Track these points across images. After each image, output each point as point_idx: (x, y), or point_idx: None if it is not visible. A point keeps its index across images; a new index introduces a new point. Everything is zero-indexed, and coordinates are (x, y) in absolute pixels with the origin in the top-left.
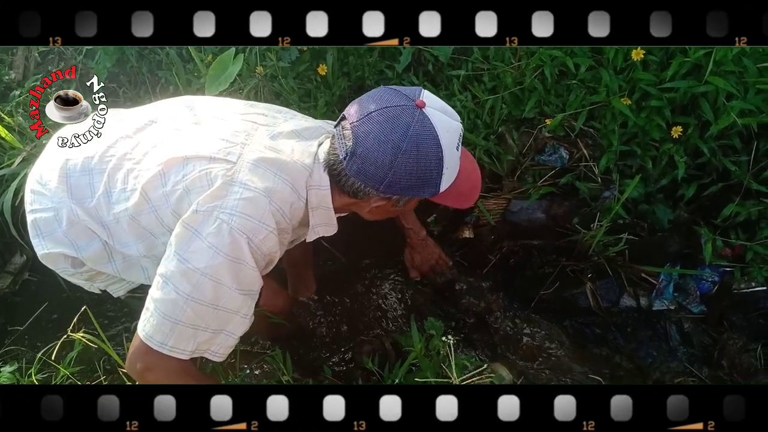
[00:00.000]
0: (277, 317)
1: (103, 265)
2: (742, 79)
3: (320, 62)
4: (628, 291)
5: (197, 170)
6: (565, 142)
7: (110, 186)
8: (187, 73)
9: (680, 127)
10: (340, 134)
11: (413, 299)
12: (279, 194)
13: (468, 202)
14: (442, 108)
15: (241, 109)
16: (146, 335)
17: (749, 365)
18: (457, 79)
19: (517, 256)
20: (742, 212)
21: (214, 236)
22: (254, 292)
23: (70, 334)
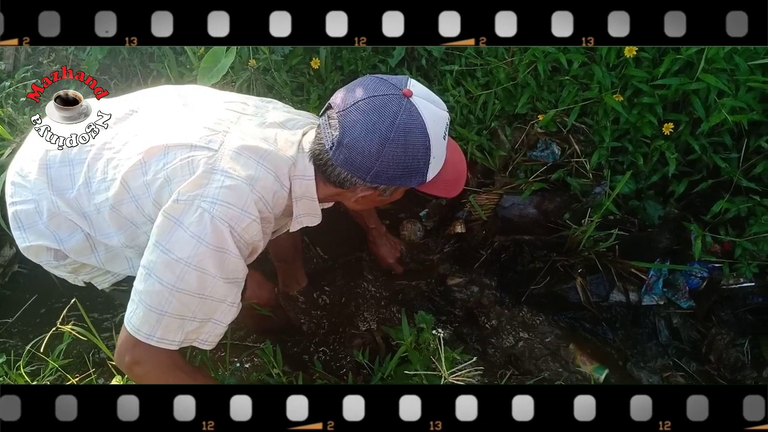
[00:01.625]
0: (264, 309)
1: (86, 256)
2: (734, 76)
3: (313, 56)
4: (617, 286)
5: (178, 158)
6: (557, 137)
7: (90, 176)
8: (180, 65)
9: (671, 124)
10: (326, 123)
11: (404, 293)
12: (261, 183)
13: (454, 191)
14: (429, 97)
15: (224, 98)
16: (133, 328)
17: (736, 360)
18: (450, 74)
19: (509, 251)
20: (732, 209)
21: (196, 225)
22: (240, 279)
23: (59, 327)
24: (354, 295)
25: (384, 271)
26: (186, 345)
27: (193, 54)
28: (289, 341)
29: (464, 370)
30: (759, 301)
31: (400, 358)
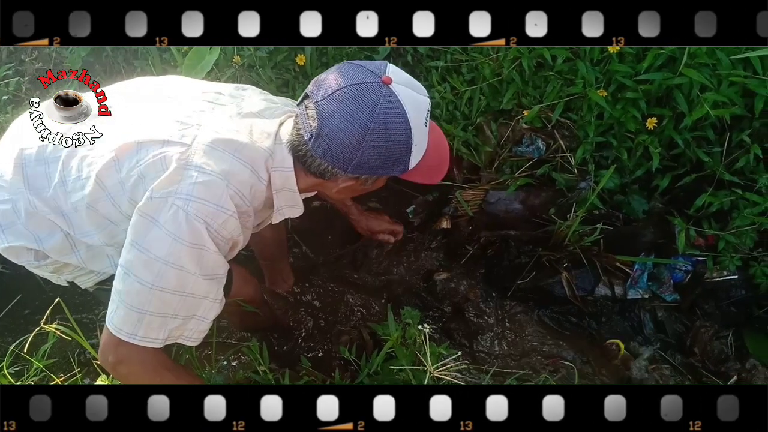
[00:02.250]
0: (249, 306)
1: (67, 255)
2: (716, 71)
3: (299, 52)
4: (603, 280)
5: (151, 155)
6: (543, 133)
7: (65, 174)
8: (164, 62)
9: (655, 119)
10: (304, 114)
11: (391, 289)
12: (237, 177)
13: (437, 177)
14: (409, 83)
15: (199, 88)
16: (115, 327)
17: (720, 352)
18: (435, 70)
19: (495, 247)
20: (715, 202)
21: (171, 223)
22: (220, 275)
23: (43, 326)
24: (341, 292)
25: (371, 268)
26: (170, 342)
27: (177, 51)
28: (276, 339)
29: (449, 365)
30: (742, 293)
31: (386, 354)
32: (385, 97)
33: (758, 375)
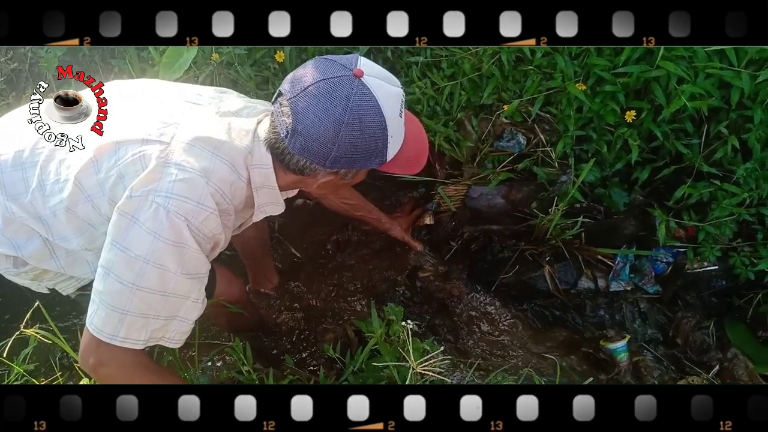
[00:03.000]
0: (235, 307)
1: (46, 262)
2: (692, 63)
3: (277, 49)
4: (585, 273)
5: (129, 154)
6: (523, 127)
7: (44, 178)
8: (141, 61)
9: (634, 112)
10: (279, 111)
11: (376, 286)
12: (217, 174)
13: (417, 167)
14: (381, 74)
15: (177, 90)
16: (95, 328)
17: (702, 342)
18: (416, 65)
19: (478, 242)
20: (694, 194)
21: (152, 221)
22: (202, 275)
23: (23, 331)
24: (326, 290)
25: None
26: (152, 344)
27: (154, 49)
28: (260, 338)
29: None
30: (722, 284)
31: (371, 351)
32: (357, 90)
33: (739, 364)
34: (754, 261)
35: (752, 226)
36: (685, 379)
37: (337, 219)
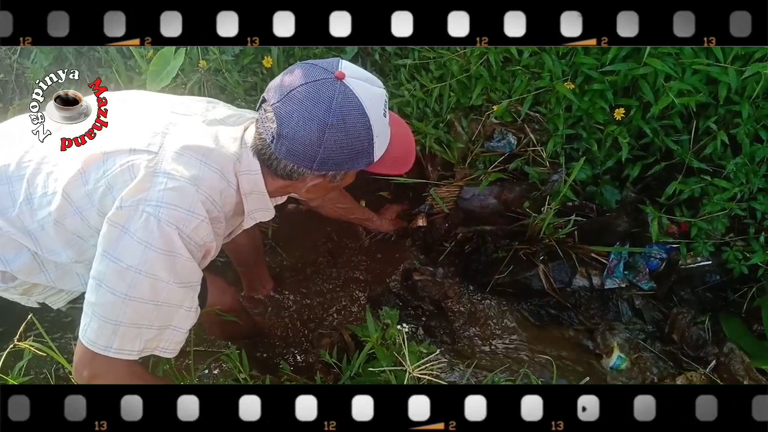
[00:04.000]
0: (228, 315)
1: (36, 276)
2: (679, 60)
3: (265, 55)
4: (580, 271)
5: (118, 164)
6: (513, 127)
7: (31, 192)
8: (128, 69)
9: (622, 109)
10: (263, 117)
11: (371, 290)
12: (207, 182)
13: (405, 167)
14: (363, 76)
15: (162, 100)
16: (89, 341)
17: (698, 338)
18: (404, 68)
19: (471, 242)
20: (686, 190)
21: (143, 231)
22: (194, 283)
23: (16, 344)
24: (321, 295)
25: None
26: (146, 354)
27: (141, 57)
28: (256, 345)
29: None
30: (716, 279)
31: (367, 355)
32: (340, 91)
33: (735, 359)
34: (747, 255)
35: (744, 221)
36: (684, 375)
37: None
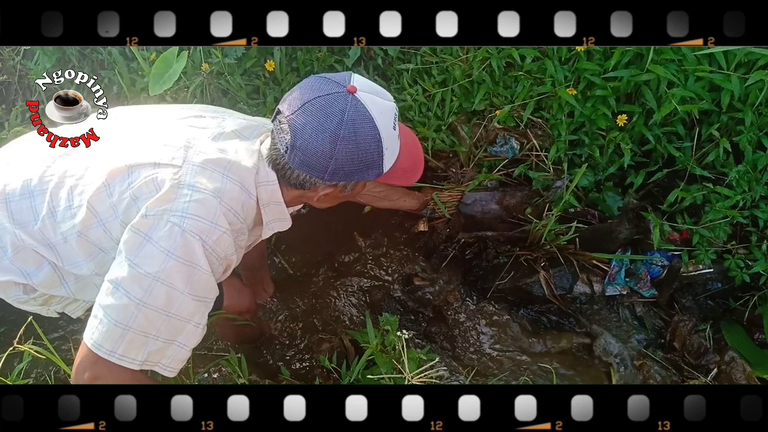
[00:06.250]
0: (242, 318)
1: (56, 288)
2: (682, 67)
3: (268, 58)
4: (581, 278)
5: (143, 177)
6: (516, 132)
7: (54, 205)
8: (131, 72)
9: (625, 116)
10: (278, 128)
11: (371, 295)
12: (229, 194)
13: (413, 178)
14: (374, 90)
15: (178, 114)
16: (95, 343)
17: (699, 345)
18: (406, 72)
19: (473, 248)
20: (688, 197)
21: (166, 240)
22: (208, 300)
23: (16, 346)
24: (321, 300)
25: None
26: (147, 368)
27: (143, 60)
28: (258, 350)
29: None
30: (718, 286)
31: (367, 361)
32: (351, 105)
33: (737, 367)
34: (748, 263)
35: (746, 229)
36: (687, 383)
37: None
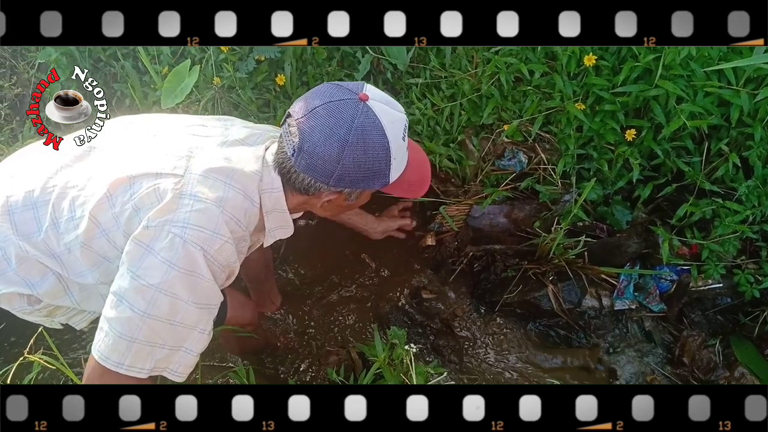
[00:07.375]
0: (245, 331)
1: (61, 298)
2: (691, 82)
3: (278, 72)
4: (589, 292)
5: (145, 187)
6: (524, 146)
7: (57, 216)
8: (143, 85)
9: (634, 130)
10: (287, 131)
11: (379, 307)
12: (231, 202)
13: (419, 192)
14: (385, 100)
15: (181, 123)
16: (101, 356)
17: (708, 361)
18: (415, 86)
19: (481, 261)
20: (697, 212)
21: (167, 251)
22: (212, 306)
23: (26, 356)
24: (329, 312)
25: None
26: (156, 374)
27: (156, 74)
28: (265, 362)
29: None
30: (727, 301)
31: (374, 375)
32: (362, 112)
33: (746, 383)
34: (758, 278)
35: (756, 243)
36: None
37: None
